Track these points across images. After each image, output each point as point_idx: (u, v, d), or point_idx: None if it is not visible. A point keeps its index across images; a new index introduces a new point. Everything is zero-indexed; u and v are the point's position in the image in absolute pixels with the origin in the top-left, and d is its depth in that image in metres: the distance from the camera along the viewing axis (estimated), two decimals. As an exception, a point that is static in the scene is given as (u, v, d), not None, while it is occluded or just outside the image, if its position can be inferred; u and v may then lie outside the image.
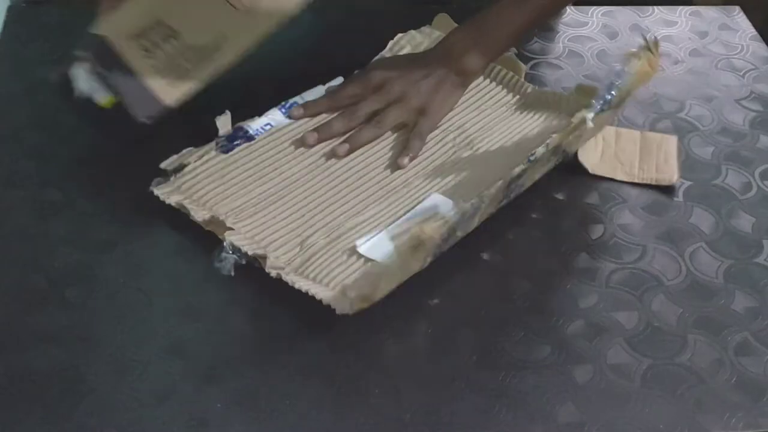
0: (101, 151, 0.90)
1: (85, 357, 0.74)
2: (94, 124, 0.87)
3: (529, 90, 0.99)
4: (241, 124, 0.90)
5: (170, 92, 0.86)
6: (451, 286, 0.82)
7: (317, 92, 0.95)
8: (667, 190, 0.92)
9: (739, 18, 1.16)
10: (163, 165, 0.86)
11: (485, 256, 0.85)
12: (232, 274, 0.79)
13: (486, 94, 0.99)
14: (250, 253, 0.80)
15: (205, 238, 0.84)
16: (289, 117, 0.93)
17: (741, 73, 1.07)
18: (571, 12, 1.14)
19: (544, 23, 1.09)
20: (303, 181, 0.88)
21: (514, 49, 1.02)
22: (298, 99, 0.94)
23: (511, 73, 1.00)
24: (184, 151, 0.87)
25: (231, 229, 0.82)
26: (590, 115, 0.85)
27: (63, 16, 1.08)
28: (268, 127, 0.91)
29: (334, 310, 0.77)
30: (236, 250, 0.80)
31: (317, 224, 0.84)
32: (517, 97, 0.99)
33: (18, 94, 0.98)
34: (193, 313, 0.78)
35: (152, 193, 0.85)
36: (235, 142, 0.89)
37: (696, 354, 0.78)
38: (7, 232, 0.84)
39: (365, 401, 0.73)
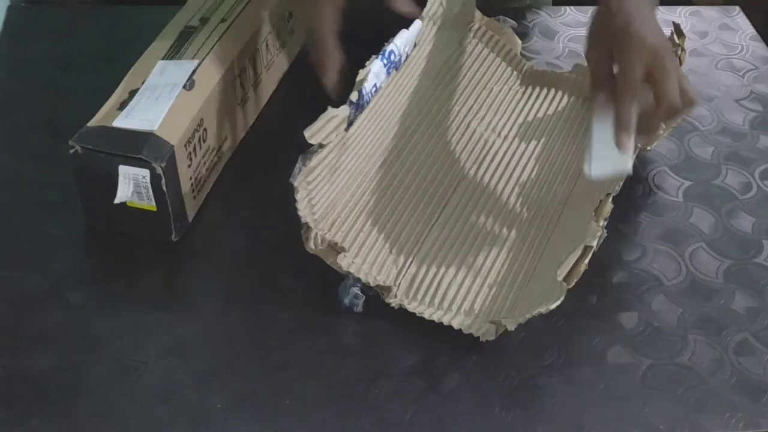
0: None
1: (85, 357, 0.74)
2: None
3: (525, 67, 1.02)
4: (362, 82, 0.83)
5: (194, 206, 0.85)
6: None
7: (403, 37, 0.89)
8: (667, 190, 0.92)
9: (739, 18, 1.16)
10: (307, 137, 0.77)
11: (485, 256, 0.85)
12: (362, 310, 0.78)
13: (489, 68, 1.01)
14: (372, 284, 0.77)
15: (204, 239, 0.84)
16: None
17: (741, 73, 1.07)
18: (571, 12, 1.14)
19: None
20: (381, 183, 0.87)
21: (512, 22, 1.03)
22: (393, 48, 0.87)
23: (508, 46, 1.02)
24: (325, 116, 0.79)
25: (342, 250, 0.78)
26: None
27: (63, 16, 1.09)
28: (375, 89, 0.86)
29: (333, 310, 0.77)
30: (357, 280, 0.78)
31: (401, 238, 0.83)
32: (516, 73, 1.02)
33: (18, 94, 0.98)
34: (193, 313, 0.78)
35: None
36: (356, 113, 0.84)
37: (696, 354, 0.78)
38: (7, 232, 0.84)
39: (365, 401, 0.73)
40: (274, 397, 0.72)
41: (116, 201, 0.79)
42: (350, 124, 0.83)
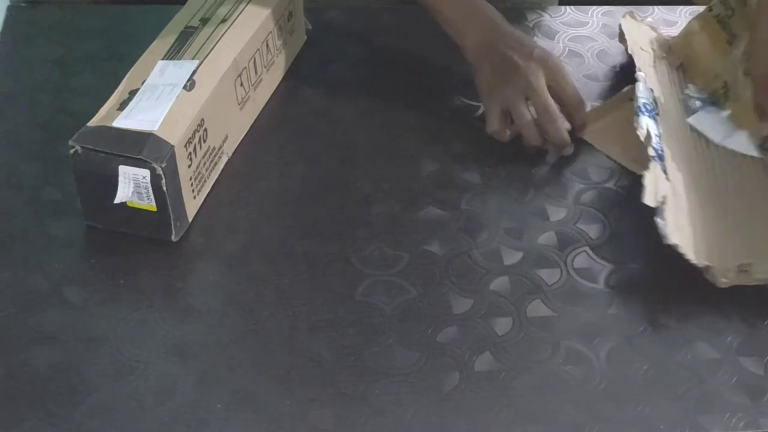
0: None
1: (85, 357, 0.74)
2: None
3: None
4: (648, 139, 0.87)
5: (194, 206, 0.84)
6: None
7: (642, 88, 0.92)
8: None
9: (739, 18, 1.16)
10: (650, 203, 0.81)
11: (482, 257, 0.85)
12: None
13: None
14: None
15: (204, 239, 0.84)
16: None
17: (741, 73, 1.07)
18: (571, 12, 1.14)
19: None
20: None
21: None
22: (644, 101, 0.91)
23: None
24: (651, 179, 0.83)
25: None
26: None
27: (63, 16, 1.09)
28: (658, 138, 0.89)
29: (333, 310, 0.77)
30: None
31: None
32: None
33: (18, 94, 0.98)
34: (193, 313, 0.78)
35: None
36: (663, 162, 0.87)
37: (696, 354, 0.78)
38: (7, 232, 0.84)
39: (365, 401, 0.73)
40: (274, 397, 0.72)
41: (116, 201, 0.80)
42: (665, 172, 0.86)
